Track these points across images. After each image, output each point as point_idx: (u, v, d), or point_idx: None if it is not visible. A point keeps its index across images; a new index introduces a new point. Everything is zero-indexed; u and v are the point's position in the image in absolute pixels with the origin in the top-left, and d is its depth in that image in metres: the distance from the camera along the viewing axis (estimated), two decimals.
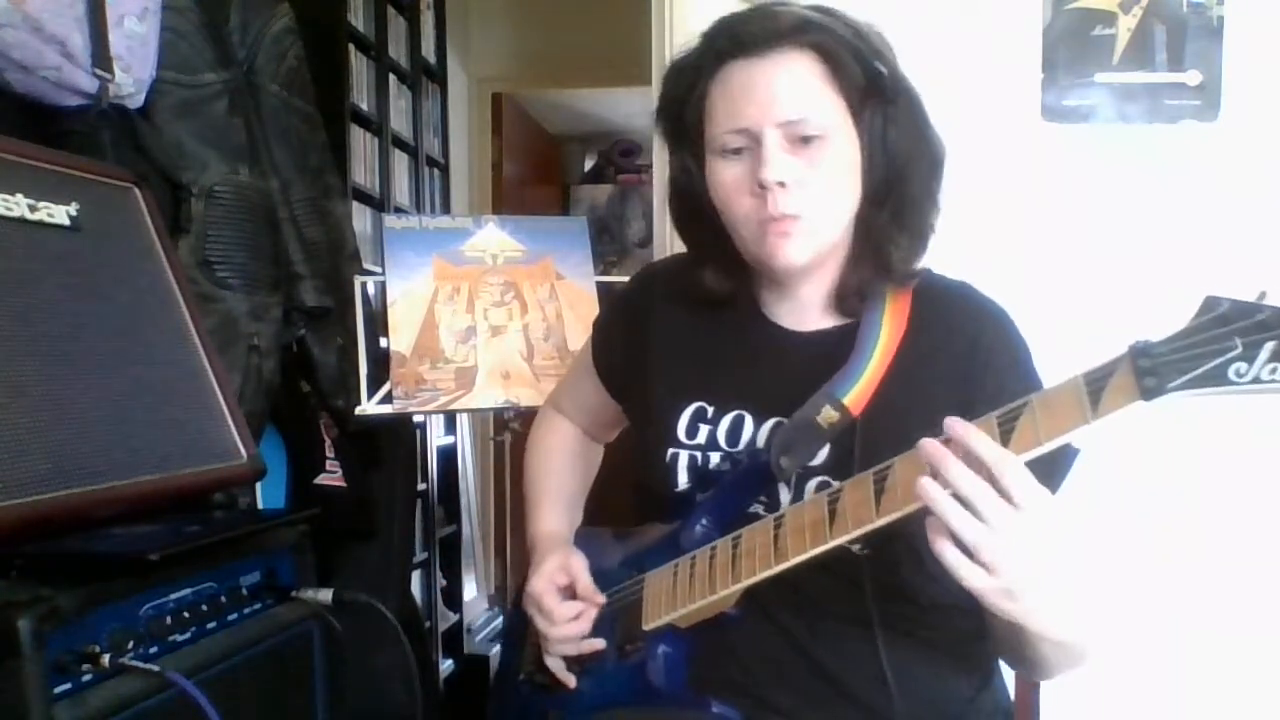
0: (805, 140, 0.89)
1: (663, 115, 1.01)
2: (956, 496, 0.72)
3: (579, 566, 1.05)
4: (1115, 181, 1.63)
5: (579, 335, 2.07)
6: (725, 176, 0.93)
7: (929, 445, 0.75)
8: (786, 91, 0.89)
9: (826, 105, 0.90)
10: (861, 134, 0.92)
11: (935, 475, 0.74)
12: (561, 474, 1.22)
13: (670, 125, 1.01)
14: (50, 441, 0.94)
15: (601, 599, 1.03)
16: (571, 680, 1.04)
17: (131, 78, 1.52)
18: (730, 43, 0.92)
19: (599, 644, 1.02)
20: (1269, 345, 0.66)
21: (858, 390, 0.92)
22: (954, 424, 0.75)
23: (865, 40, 0.92)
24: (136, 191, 1.20)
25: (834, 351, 0.96)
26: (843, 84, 0.90)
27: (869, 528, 0.81)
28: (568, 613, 1.02)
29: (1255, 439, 1.56)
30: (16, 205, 1.01)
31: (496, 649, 2.96)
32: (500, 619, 3.25)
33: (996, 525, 0.72)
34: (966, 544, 0.72)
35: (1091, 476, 0.89)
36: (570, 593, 1.04)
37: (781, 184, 0.89)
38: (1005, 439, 0.75)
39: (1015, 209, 1.65)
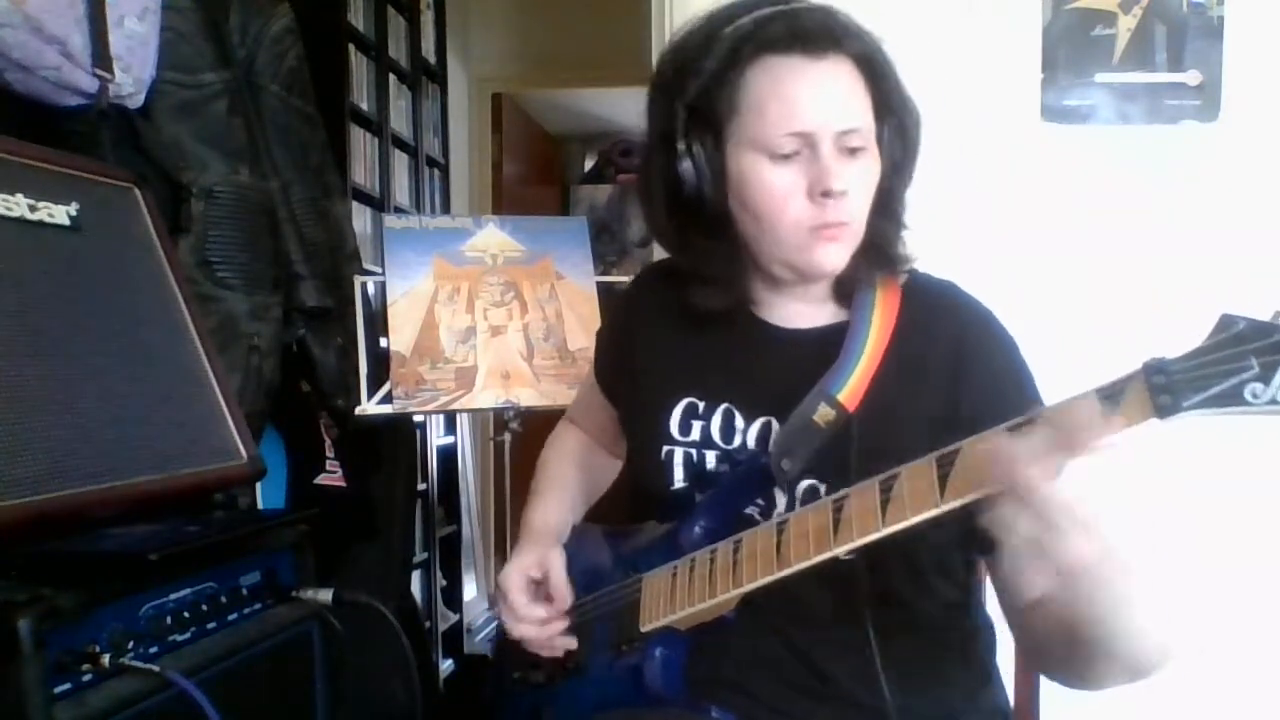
0: (853, 151, 0.90)
1: (679, 93, 0.92)
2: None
3: (556, 564, 1.04)
4: (1115, 181, 1.63)
5: (579, 335, 2.07)
6: (776, 180, 0.90)
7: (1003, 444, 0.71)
8: (845, 99, 0.89)
9: (869, 117, 0.92)
10: (879, 143, 0.94)
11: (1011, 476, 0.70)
12: (567, 473, 1.21)
13: (691, 104, 0.91)
14: (50, 441, 0.94)
15: (567, 604, 1.03)
16: (559, 650, 1.03)
17: (131, 78, 1.52)
18: (786, 35, 0.88)
19: (570, 643, 1.02)
20: None
21: (851, 386, 0.92)
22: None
23: (886, 56, 0.93)
24: (136, 191, 1.20)
25: (821, 349, 0.96)
26: (875, 97, 0.92)
27: (874, 537, 0.79)
28: (534, 614, 1.02)
29: (1258, 452, 1.56)
30: (16, 205, 1.01)
31: None
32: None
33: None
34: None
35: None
36: (543, 589, 1.04)
37: (845, 192, 0.89)
38: None
39: (1015, 209, 1.65)
